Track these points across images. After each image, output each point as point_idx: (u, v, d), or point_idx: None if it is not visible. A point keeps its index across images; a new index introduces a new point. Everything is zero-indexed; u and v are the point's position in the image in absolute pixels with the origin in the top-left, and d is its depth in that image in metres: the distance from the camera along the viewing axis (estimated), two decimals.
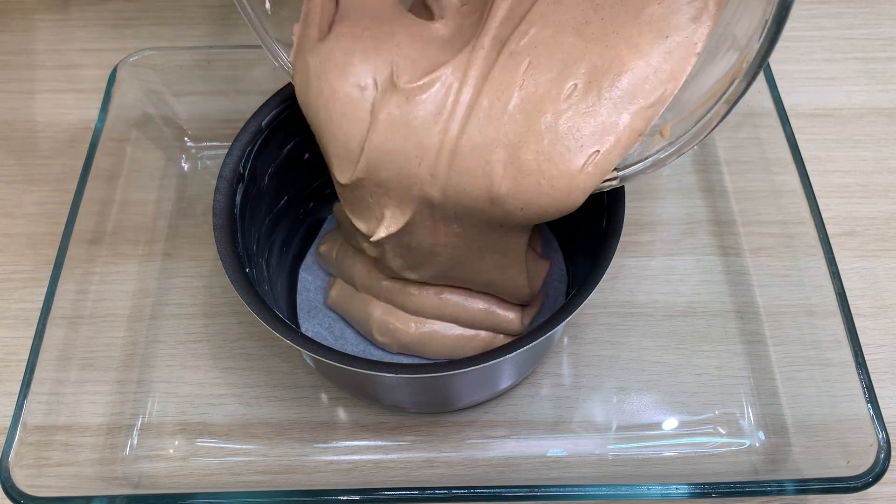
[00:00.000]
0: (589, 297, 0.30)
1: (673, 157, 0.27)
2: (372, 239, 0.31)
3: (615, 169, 0.28)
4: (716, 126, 0.25)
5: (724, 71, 0.25)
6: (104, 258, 0.40)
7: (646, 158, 0.28)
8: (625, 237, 0.31)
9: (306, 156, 0.37)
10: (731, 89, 0.24)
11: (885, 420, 0.32)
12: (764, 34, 0.22)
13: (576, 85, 0.27)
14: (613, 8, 0.28)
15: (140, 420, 0.38)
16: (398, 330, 0.37)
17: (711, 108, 0.25)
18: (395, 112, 0.28)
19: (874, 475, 0.31)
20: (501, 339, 0.37)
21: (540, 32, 0.28)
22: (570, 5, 0.28)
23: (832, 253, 0.36)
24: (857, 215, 0.44)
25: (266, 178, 0.36)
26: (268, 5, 0.31)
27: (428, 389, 0.35)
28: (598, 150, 0.27)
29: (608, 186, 0.28)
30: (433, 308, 0.36)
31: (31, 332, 0.35)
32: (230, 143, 0.34)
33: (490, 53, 0.28)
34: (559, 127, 0.27)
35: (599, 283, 0.30)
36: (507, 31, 0.28)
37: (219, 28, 0.52)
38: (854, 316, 0.35)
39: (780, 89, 0.41)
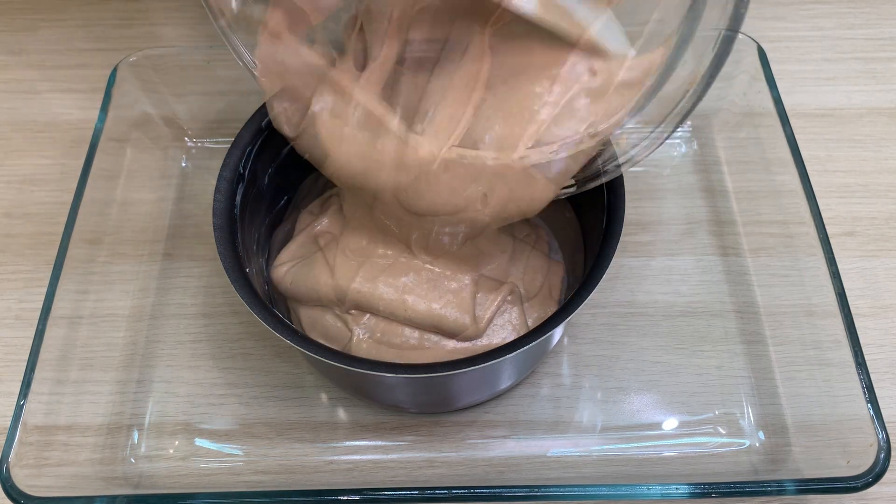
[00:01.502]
0: (589, 297, 0.30)
1: (628, 165, 0.28)
2: None
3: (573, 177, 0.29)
4: (667, 137, 0.26)
5: (685, 78, 0.25)
6: (104, 258, 0.40)
7: (602, 168, 0.29)
8: (625, 237, 0.32)
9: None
10: (685, 99, 0.25)
11: (885, 420, 0.32)
12: (718, 44, 0.22)
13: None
14: (506, 84, 0.28)
15: (140, 420, 0.38)
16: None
17: (665, 117, 0.26)
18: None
19: (874, 475, 0.31)
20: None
21: (439, 112, 0.29)
22: (460, 86, 0.29)
23: (832, 253, 0.36)
24: (857, 215, 0.44)
25: (266, 178, 0.36)
26: (234, 4, 0.31)
27: (428, 389, 0.35)
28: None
29: (565, 193, 0.29)
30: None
31: (31, 332, 0.35)
32: (230, 143, 0.34)
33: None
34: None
35: (599, 283, 0.30)
36: (415, 98, 0.29)
37: None
38: (854, 316, 0.35)
39: (780, 89, 0.41)
